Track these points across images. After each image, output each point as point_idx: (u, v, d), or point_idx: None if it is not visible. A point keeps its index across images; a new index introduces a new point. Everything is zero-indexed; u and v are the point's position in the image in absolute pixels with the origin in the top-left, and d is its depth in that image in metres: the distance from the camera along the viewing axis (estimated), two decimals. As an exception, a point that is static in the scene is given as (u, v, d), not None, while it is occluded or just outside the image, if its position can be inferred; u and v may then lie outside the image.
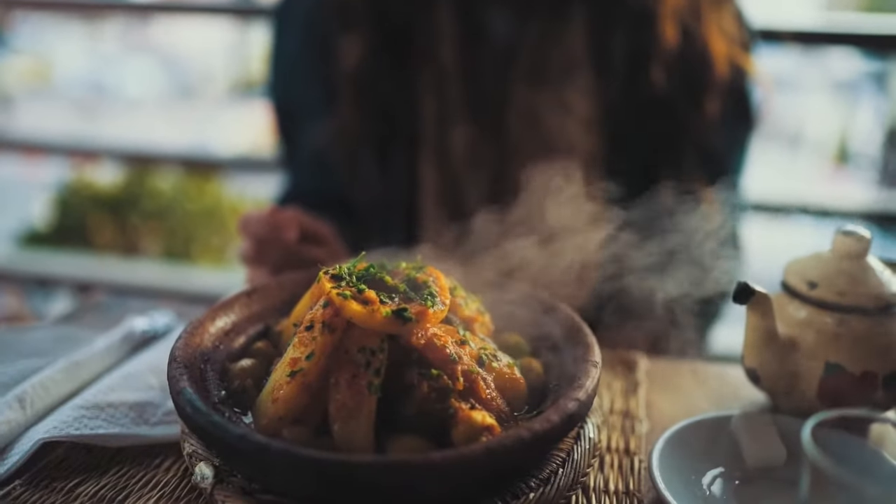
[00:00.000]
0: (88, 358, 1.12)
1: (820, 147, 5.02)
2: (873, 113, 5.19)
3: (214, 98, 6.52)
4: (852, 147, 5.33)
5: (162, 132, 5.69)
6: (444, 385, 0.87)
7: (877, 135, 5.08)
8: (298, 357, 0.86)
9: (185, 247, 4.47)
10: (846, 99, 5.21)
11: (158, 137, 5.33)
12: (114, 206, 4.46)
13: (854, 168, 5.26)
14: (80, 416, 0.97)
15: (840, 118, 5.16)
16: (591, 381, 0.89)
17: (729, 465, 0.98)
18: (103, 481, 0.91)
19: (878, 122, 5.10)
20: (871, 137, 5.09)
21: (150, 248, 4.49)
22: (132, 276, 3.80)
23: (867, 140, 5.10)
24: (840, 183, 5.04)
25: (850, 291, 1.03)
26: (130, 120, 6.04)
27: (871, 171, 5.01)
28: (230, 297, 1.07)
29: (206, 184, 4.68)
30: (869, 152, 5.09)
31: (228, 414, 0.86)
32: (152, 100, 6.47)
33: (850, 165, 5.32)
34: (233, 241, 4.49)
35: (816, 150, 4.88)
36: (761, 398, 1.16)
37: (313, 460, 0.74)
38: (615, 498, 0.93)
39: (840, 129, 5.20)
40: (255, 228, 1.26)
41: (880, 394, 1.02)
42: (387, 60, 1.48)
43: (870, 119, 5.22)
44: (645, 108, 1.47)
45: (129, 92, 6.45)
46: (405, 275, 0.97)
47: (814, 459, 0.68)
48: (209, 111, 6.24)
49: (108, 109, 6.24)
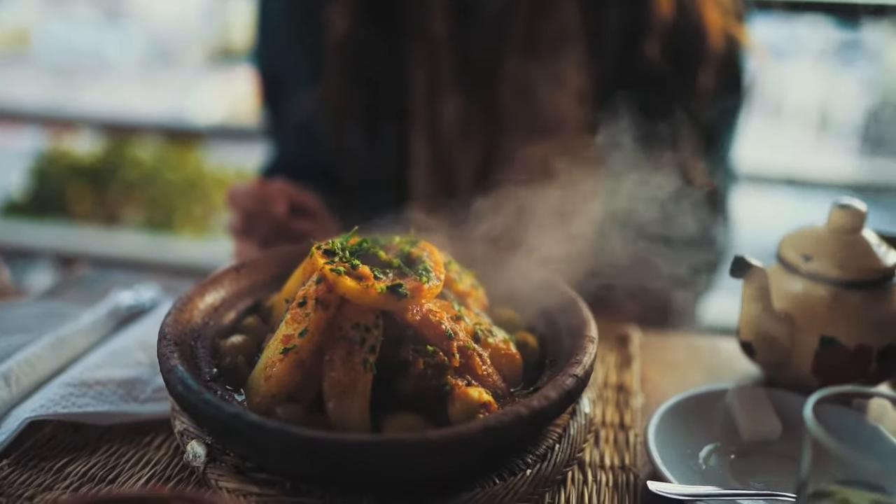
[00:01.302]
0: (74, 334, 1.10)
1: (802, 116, 5.02)
2: (856, 82, 5.20)
3: (193, 65, 6.41)
4: (834, 116, 5.34)
5: (140, 100, 5.59)
6: (440, 361, 0.85)
7: (859, 104, 5.08)
8: (291, 334, 0.84)
9: (166, 217, 4.41)
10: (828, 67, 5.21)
11: (137, 105, 5.24)
12: (93, 175, 4.39)
13: (836, 137, 5.27)
14: (68, 393, 0.95)
15: (822, 87, 5.16)
16: (589, 357, 0.88)
17: (724, 438, 0.97)
18: (93, 460, 0.90)
19: (861, 91, 5.11)
20: (854, 106, 5.09)
21: (131, 219, 4.44)
22: (113, 247, 3.76)
23: (849, 109, 5.11)
24: (822, 152, 5.06)
25: (846, 265, 1.03)
26: (108, 88, 5.92)
27: (852, 140, 5.03)
28: (219, 272, 1.05)
29: (187, 153, 4.61)
30: (851, 121, 5.10)
31: (220, 392, 0.85)
32: (130, 67, 6.34)
33: (832, 134, 5.33)
34: (215, 212, 4.44)
35: (798, 119, 4.88)
36: (755, 371, 1.16)
37: (309, 440, 0.72)
38: (611, 473, 0.93)
39: (822, 98, 5.20)
40: (243, 201, 1.24)
41: (874, 367, 1.02)
42: (375, 31, 1.45)
43: (852, 88, 5.22)
44: (638, 81, 1.45)
45: (107, 59, 6.32)
46: (399, 249, 0.96)
47: (816, 436, 0.68)
48: (188, 79, 6.12)
49: (86, 77, 6.12)
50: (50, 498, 0.82)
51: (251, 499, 0.79)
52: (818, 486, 0.71)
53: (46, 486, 0.85)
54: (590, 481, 0.91)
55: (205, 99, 5.62)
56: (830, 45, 4.79)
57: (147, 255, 3.54)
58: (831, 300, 1.03)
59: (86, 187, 4.37)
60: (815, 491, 0.72)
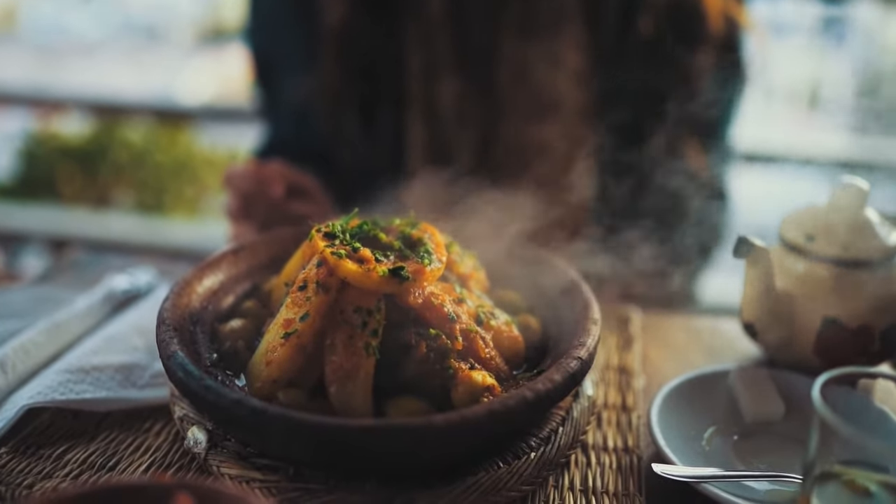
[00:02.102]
0: (69, 319, 1.09)
1: (792, 93, 5.00)
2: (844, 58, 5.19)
3: (183, 45, 6.33)
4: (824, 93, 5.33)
5: (129, 80, 5.52)
6: (443, 345, 0.85)
7: (849, 81, 5.07)
8: (292, 318, 0.83)
9: (157, 199, 4.37)
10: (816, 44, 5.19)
11: (126, 86, 5.17)
12: (82, 157, 4.34)
13: (826, 114, 5.27)
14: (65, 380, 0.94)
15: (811, 64, 5.15)
16: (592, 339, 0.88)
17: (727, 420, 0.97)
18: (92, 447, 0.89)
19: (851, 68, 5.10)
20: (844, 83, 5.09)
21: (122, 201, 4.40)
22: (105, 230, 3.73)
23: (840, 86, 5.10)
24: (812, 130, 5.05)
25: (849, 245, 1.02)
26: (96, 68, 5.85)
27: (843, 118, 5.02)
28: (216, 256, 1.03)
29: (177, 134, 4.56)
30: (841, 99, 5.10)
31: (221, 377, 0.84)
32: (119, 47, 6.26)
33: (822, 112, 5.33)
34: (206, 194, 4.41)
35: (789, 96, 4.86)
36: (755, 351, 1.16)
37: (312, 425, 0.71)
38: (614, 455, 0.93)
39: (812, 75, 5.19)
40: (241, 183, 1.22)
41: (877, 347, 1.02)
42: (371, 14, 1.42)
43: (841, 65, 5.21)
44: (636, 61, 1.43)
45: (95, 39, 6.23)
46: (399, 231, 0.94)
47: (825, 417, 0.68)
48: (178, 59, 6.05)
49: (74, 57, 6.04)
50: (50, 486, 0.81)
51: (253, 485, 0.79)
52: (824, 467, 0.71)
53: (46, 473, 0.83)
54: (593, 464, 0.91)
55: (195, 79, 5.55)
56: (818, 21, 4.77)
57: (140, 238, 3.51)
58: (834, 280, 1.02)
59: (75, 169, 4.32)
60: (821, 472, 0.71)
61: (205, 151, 4.51)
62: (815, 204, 1.09)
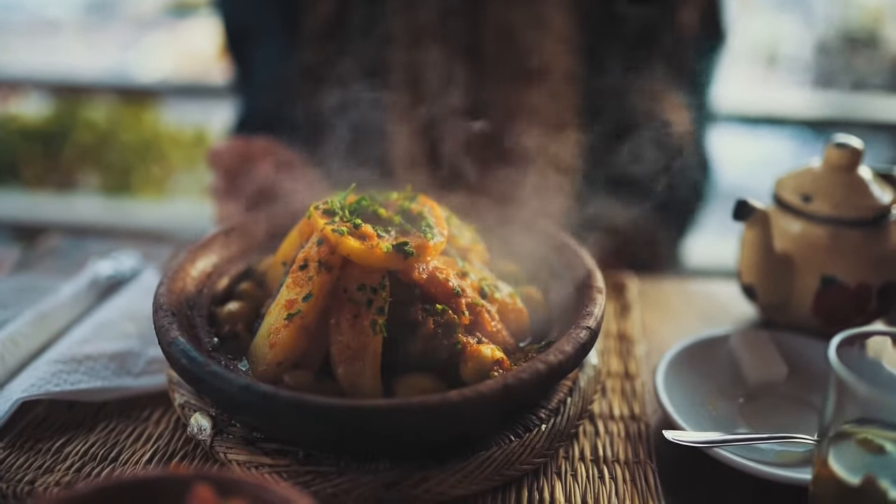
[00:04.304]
0: (56, 308, 1.05)
1: (750, 51, 5.02)
2: (803, 16, 5.22)
3: (143, 19, 6.15)
4: (782, 51, 5.35)
5: (88, 58, 5.36)
6: (450, 320, 0.83)
7: (807, 39, 5.11)
8: (294, 298, 0.81)
9: (123, 180, 4.27)
10: (776, 3, 5.23)
11: (85, 64, 5.02)
12: (44, 139, 4.22)
13: (784, 72, 5.30)
14: (58, 371, 0.91)
15: (769, 22, 5.17)
16: (599, 308, 0.87)
17: (731, 384, 0.97)
18: (91, 438, 0.86)
19: (809, 26, 5.14)
20: (802, 41, 5.12)
21: (87, 183, 4.29)
22: (72, 213, 3.65)
23: (798, 44, 5.13)
24: (772, 87, 5.08)
25: (845, 203, 1.02)
26: (54, 46, 5.67)
27: (802, 75, 5.07)
28: (208, 237, 1.01)
29: (141, 113, 4.45)
30: (800, 56, 5.13)
31: (225, 362, 0.81)
32: (75, 23, 6.07)
33: (781, 69, 5.36)
34: (174, 173, 4.32)
35: (747, 55, 4.87)
36: (752, 313, 1.16)
37: (328, 408, 0.70)
38: (622, 423, 0.92)
39: (770, 33, 5.21)
40: (227, 161, 1.18)
41: (874, 305, 1.03)
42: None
43: (799, 23, 5.25)
44: (622, 24, 1.41)
45: (51, 14, 6.04)
46: (398, 206, 0.92)
47: (843, 378, 0.68)
48: (138, 34, 5.88)
49: (28, 35, 5.85)
50: (52, 480, 0.79)
51: (263, 470, 0.77)
52: (838, 427, 0.71)
53: (47, 468, 0.81)
54: (602, 433, 0.91)
55: (157, 55, 5.40)
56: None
57: (112, 221, 3.43)
58: (831, 239, 1.02)
59: (37, 152, 4.20)
60: (835, 432, 0.72)
61: (171, 130, 4.41)
62: (808, 164, 1.09)
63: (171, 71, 5.02)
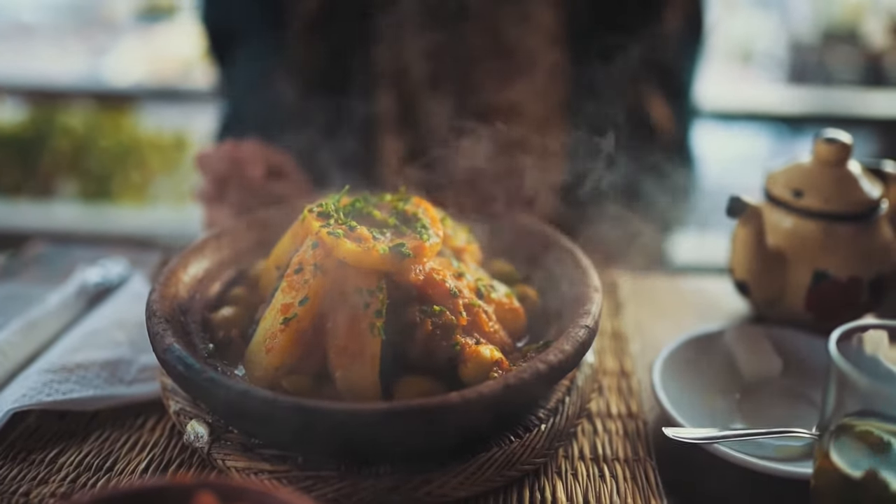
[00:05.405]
0: (44, 316, 1.04)
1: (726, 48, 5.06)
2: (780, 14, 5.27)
3: (117, 24, 6.09)
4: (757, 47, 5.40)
5: (65, 64, 5.30)
6: (448, 321, 0.83)
7: (784, 36, 5.15)
8: (290, 303, 0.80)
9: (103, 187, 4.23)
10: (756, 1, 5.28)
11: (60, 70, 4.96)
12: (20, 146, 4.16)
13: (759, 68, 5.35)
14: (49, 380, 0.89)
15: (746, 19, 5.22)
16: (596, 306, 0.87)
17: (727, 379, 0.98)
18: (85, 448, 0.85)
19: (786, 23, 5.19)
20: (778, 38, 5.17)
21: (66, 190, 4.24)
22: (52, 220, 3.60)
23: (774, 41, 5.18)
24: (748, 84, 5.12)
25: (836, 198, 1.03)
26: (29, 51, 5.60)
27: (776, 72, 5.11)
28: (199, 242, 0.99)
29: (119, 118, 4.40)
30: (775, 53, 5.18)
31: (221, 368, 0.80)
32: (50, 28, 6.00)
33: (755, 66, 5.40)
34: (154, 178, 4.28)
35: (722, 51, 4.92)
36: (744, 309, 1.17)
37: (330, 413, 0.69)
38: (619, 421, 0.92)
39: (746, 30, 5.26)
40: (216, 165, 1.17)
41: (865, 298, 1.03)
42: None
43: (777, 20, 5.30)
44: (609, 20, 1.41)
45: (27, 20, 5.96)
46: (392, 207, 0.92)
47: (844, 371, 0.68)
48: (113, 39, 5.82)
49: (3, 40, 5.77)
50: (47, 491, 0.77)
51: (262, 476, 0.76)
52: (838, 420, 0.72)
53: (41, 479, 0.79)
54: (600, 431, 0.91)
55: (129, 60, 5.35)
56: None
57: (95, 227, 3.39)
58: (823, 234, 1.03)
59: (14, 158, 4.15)
60: (836, 426, 0.72)
61: (150, 135, 4.37)
62: (798, 160, 1.09)
63: (145, 75, 4.97)
